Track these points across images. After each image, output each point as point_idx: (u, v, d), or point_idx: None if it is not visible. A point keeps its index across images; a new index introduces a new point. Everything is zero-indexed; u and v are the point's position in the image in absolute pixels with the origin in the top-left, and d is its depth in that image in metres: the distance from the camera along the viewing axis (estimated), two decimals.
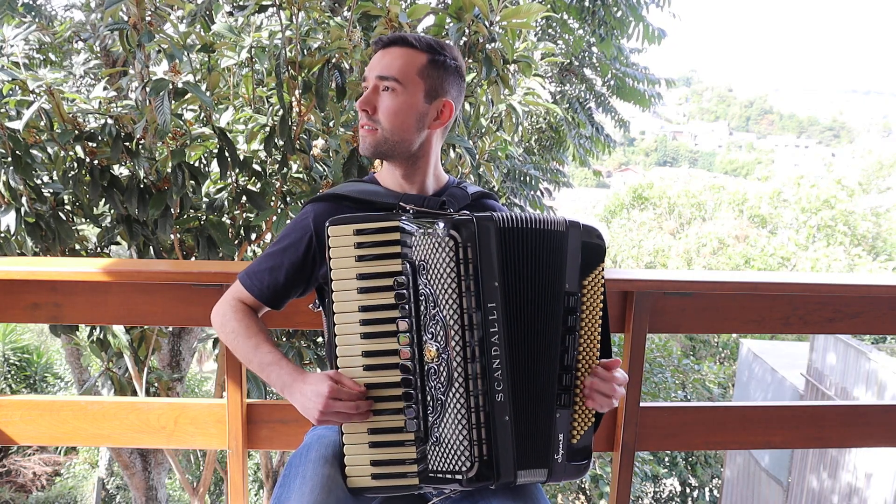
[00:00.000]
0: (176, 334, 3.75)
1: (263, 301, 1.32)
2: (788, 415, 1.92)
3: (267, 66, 2.51)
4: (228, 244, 2.56)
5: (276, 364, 1.22)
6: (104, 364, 3.05)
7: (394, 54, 1.26)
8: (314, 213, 1.30)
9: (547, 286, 1.16)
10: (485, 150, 3.20)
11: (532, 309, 1.15)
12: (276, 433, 1.74)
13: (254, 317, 1.32)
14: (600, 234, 1.20)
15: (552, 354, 1.16)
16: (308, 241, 1.29)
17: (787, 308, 1.81)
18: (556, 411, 1.16)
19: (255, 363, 1.24)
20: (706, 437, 1.88)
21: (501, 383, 1.11)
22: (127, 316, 1.72)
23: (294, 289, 1.33)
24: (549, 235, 1.16)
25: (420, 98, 1.26)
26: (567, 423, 1.17)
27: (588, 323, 1.18)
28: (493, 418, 1.10)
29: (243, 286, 1.33)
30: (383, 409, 1.14)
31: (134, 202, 2.41)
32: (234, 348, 1.30)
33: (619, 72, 6.40)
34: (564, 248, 1.16)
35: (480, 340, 1.10)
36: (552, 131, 6.55)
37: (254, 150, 2.62)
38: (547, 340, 1.16)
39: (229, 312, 1.31)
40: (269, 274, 1.31)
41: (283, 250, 1.31)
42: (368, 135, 1.26)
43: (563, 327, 1.16)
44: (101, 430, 1.72)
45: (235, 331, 1.29)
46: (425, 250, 1.11)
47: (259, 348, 1.25)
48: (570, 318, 1.16)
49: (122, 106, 2.46)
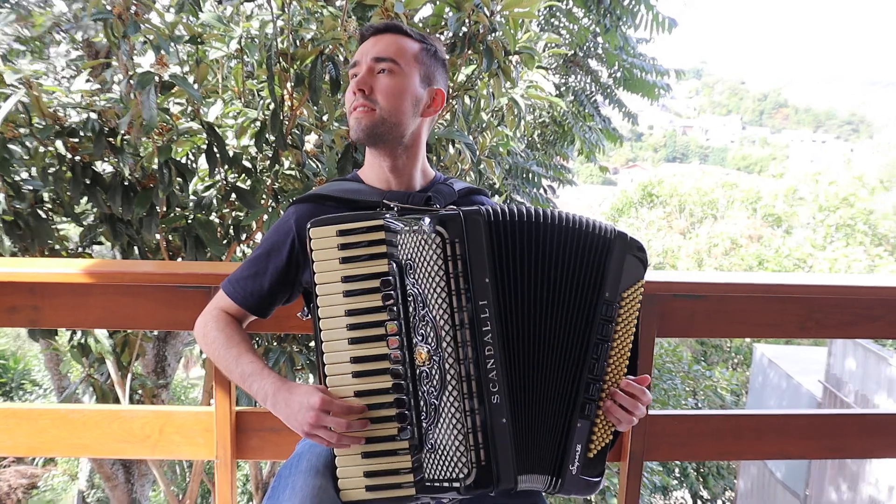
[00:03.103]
0: (161, 339, 3.75)
1: (248, 309, 1.33)
2: (805, 423, 1.92)
3: (258, 58, 2.51)
4: (217, 244, 2.56)
5: (257, 374, 1.21)
6: (85, 370, 3.05)
7: (388, 39, 1.28)
8: (296, 215, 1.30)
9: (567, 286, 1.16)
10: (485, 145, 3.20)
11: (538, 306, 1.15)
12: (267, 442, 1.74)
13: (236, 326, 1.32)
14: (644, 249, 1.22)
15: (572, 358, 1.17)
16: (291, 245, 1.30)
17: (803, 311, 1.82)
18: (578, 420, 1.17)
19: (237, 374, 1.24)
20: (718, 446, 1.88)
21: (497, 384, 1.11)
22: (109, 319, 1.72)
23: (279, 294, 1.33)
24: (570, 233, 1.17)
25: (416, 81, 1.29)
26: (586, 435, 1.18)
27: (622, 336, 1.20)
28: (489, 421, 1.11)
29: (226, 294, 1.34)
30: (375, 416, 1.14)
31: (118, 200, 2.41)
32: (215, 359, 1.30)
33: (626, 63, 6.40)
34: (606, 255, 1.18)
35: (473, 340, 1.11)
36: (556, 125, 6.55)
37: (244, 146, 2.62)
38: (564, 342, 1.17)
39: (211, 322, 1.32)
40: (253, 280, 1.31)
41: (267, 255, 1.31)
42: (365, 115, 1.25)
43: (596, 335, 1.17)
44: (82, 439, 1.72)
45: (216, 341, 1.29)
46: (411, 249, 1.11)
47: (240, 358, 1.25)
48: (606, 327, 1.17)
49: (105, 100, 2.46)
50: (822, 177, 20.68)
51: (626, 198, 22.99)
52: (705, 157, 78.26)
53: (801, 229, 19.79)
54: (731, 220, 20.61)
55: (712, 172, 29.73)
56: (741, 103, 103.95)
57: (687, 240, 20.09)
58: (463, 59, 2.53)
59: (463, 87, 2.75)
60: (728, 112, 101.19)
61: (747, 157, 73.46)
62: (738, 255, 18.14)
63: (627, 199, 22.89)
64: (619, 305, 1.18)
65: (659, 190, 22.30)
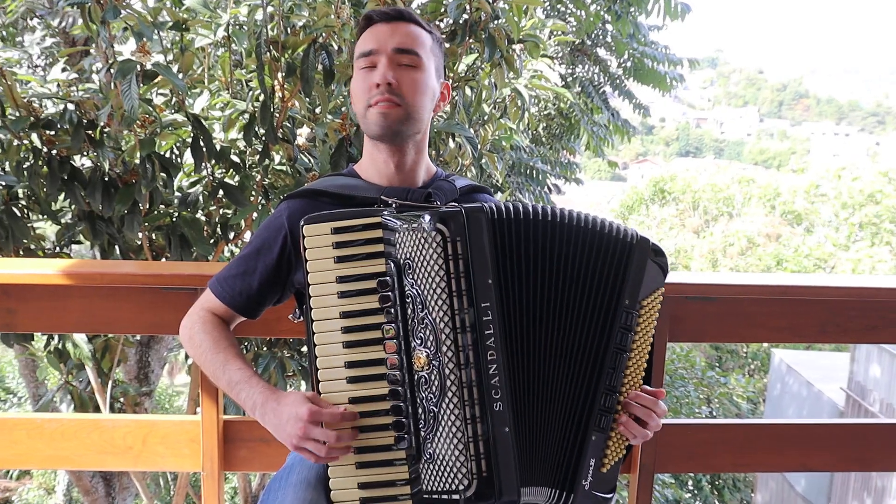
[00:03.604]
0: (144, 343, 3.76)
1: (236, 309, 1.33)
2: (827, 434, 1.92)
3: (246, 47, 2.51)
4: (203, 243, 2.56)
5: (245, 382, 1.21)
6: (63, 377, 3.05)
7: (406, 29, 1.28)
8: (289, 211, 1.31)
9: (580, 290, 1.17)
10: (487, 139, 3.20)
11: (546, 310, 1.15)
12: (256, 453, 1.74)
13: (224, 329, 1.32)
14: (665, 255, 1.23)
15: (586, 368, 1.17)
16: (282, 242, 1.30)
17: (824, 314, 1.82)
18: (592, 433, 1.17)
19: (224, 381, 1.25)
20: (734, 457, 1.88)
21: (499, 391, 1.11)
22: (89, 323, 1.72)
23: (270, 295, 1.34)
24: (585, 234, 1.17)
25: (433, 75, 1.31)
26: (600, 449, 1.18)
27: (639, 346, 1.20)
28: (491, 430, 1.11)
29: (213, 294, 1.34)
30: (371, 424, 1.14)
31: (98, 197, 2.41)
32: (202, 364, 1.30)
33: (636, 52, 6.41)
34: (627, 260, 1.18)
35: (474, 344, 1.11)
36: (562, 118, 6.55)
37: (232, 140, 2.62)
38: (577, 350, 1.17)
39: (197, 324, 1.32)
40: (241, 279, 1.32)
41: (257, 253, 1.32)
42: (392, 110, 1.26)
43: (614, 345, 1.17)
44: (59, 451, 1.72)
45: (202, 344, 1.29)
46: (410, 247, 1.11)
47: (228, 364, 1.25)
48: (624, 336, 1.18)
49: (83, 90, 2.46)
50: (846, 172, 20.68)
51: (637, 194, 23.01)
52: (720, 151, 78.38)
53: (823, 227, 19.81)
54: (747, 217, 20.63)
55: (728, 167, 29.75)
56: (759, 94, 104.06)
57: (701, 239, 20.11)
58: (464, 48, 2.53)
59: (464, 77, 2.75)
60: (745, 103, 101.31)
61: (765, 151, 73.53)
62: (755, 255, 18.15)
63: (638, 195, 22.90)
64: (638, 314, 1.19)
65: (671, 186, 22.32)
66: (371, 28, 1.30)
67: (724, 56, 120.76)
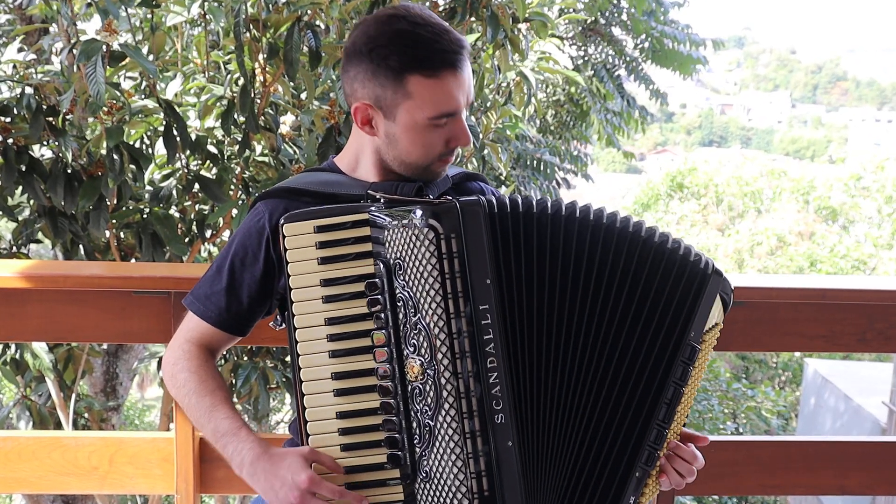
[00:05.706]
0: (111, 353, 3.75)
1: (226, 329, 1.30)
2: (866, 452, 1.93)
3: (224, 25, 2.51)
4: (177, 243, 2.56)
5: (233, 434, 1.20)
6: (20, 391, 3.05)
7: (468, 72, 1.24)
8: (269, 212, 1.28)
9: (629, 308, 1.17)
10: (490, 127, 3.20)
11: (551, 313, 1.15)
12: (235, 475, 1.74)
13: (210, 368, 1.29)
14: (732, 291, 1.26)
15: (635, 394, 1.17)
16: (266, 247, 1.28)
17: (864, 321, 1.82)
18: (637, 469, 1.17)
19: (209, 429, 1.23)
20: (763, 479, 1.89)
21: (501, 401, 1.11)
22: (50, 331, 1.72)
23: (259, 307, 1.32)
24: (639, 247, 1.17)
25: None
26: (641, 486, 1.19)
27: (692, 382, 1.21)
28: (492, 445, 1.11)
29: (197, 315, 1.30)
30: (361, 442, 1.14)
31: (59, 191, 2.41)
32: (185, 407, 1.28)
33: (655, 31, 6.41)
34: (699, 289, 1.18)
35: (473, 350, 1.11)
36: (573, 104, 6.55)
37: (208, 129, 2.62)
38: (621, 372, 1.17)
39: (182, 362, 1.29)
40: (227, 294, 1.29)
41: (241, 262, 1.29)
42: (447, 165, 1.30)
43: (673, 377, 1.18)
44: (16, 472, 1.72)
45: (186, 384, 1.27)
46: (401, 246, 1.11)
47: (215, 411, 1.23)
48: (685, 370, 1.18)
49: (43, 72, 2.46)
50: (890, 162, 20.66)
51: (654, 189, 22.97)
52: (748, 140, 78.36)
53: (862, 224, 19.80)
54: (777, 214, 20.62)
55: (756, 158, 29.73)
56: (791, 77, 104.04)
57: (726, 237, 20.10)
58: (464, 28, 2.53)
59: None
60: (775, 87, 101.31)
61: (797, 140, 73.53)
62: (785, 255, 18.15)
63: (655, 190, 22.87)
64: (699, 348, 1.19)
65: (692, 179, 22.28)
66: (443, 80, 1.19)
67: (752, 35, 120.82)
